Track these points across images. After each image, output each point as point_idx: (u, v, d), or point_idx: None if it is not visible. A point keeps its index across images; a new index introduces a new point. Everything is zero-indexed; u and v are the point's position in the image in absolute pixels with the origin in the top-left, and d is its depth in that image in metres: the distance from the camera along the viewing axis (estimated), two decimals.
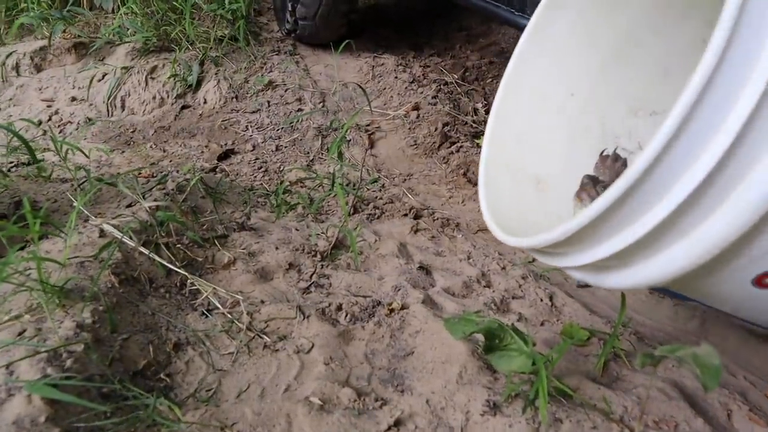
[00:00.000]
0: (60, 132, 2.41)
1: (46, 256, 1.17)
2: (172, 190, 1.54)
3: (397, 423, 0.98)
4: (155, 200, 1.44)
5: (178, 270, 1.27)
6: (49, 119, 2.48)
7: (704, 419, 1.00)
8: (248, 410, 1.00)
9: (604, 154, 1.37)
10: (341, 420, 0.97)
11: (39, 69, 2.71)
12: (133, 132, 2.43)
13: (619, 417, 0.97)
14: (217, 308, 1.23)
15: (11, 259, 1.02)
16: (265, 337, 1.17)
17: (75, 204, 1.29)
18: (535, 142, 1.35)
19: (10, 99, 2.60)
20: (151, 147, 2.31)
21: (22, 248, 1.28)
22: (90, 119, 2.45)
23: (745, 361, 1.31)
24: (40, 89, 2.62)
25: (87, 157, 1.80)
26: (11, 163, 1.90)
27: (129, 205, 1.45)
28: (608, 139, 1.42)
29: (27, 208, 1.06)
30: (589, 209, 0.79)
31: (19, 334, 1.03)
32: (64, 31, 2.65)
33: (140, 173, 1.84)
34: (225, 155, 2.22)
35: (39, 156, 1.89)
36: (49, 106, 2.54)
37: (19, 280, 1.08)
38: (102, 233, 1.29)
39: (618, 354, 1.15)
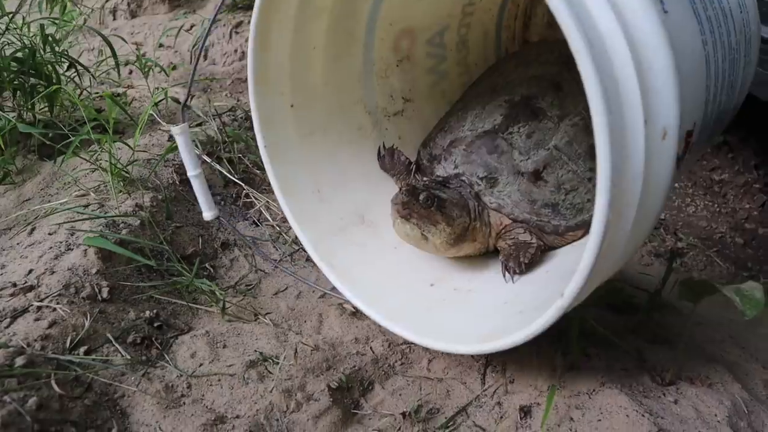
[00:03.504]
0: (144, 73, 2.53)
1: (118, 148, 1.24)
2: (241, 117, 1.60)
3: None
4: (223, 122, 1.50)
5: (236, 180, 1.32)
6: (137, 60, 2.61)
7: (742, 386, 0.96)
8: (283, 305, 1.03)
9: (382, 154, 1.17)
10: (371, 326, 0.99)
11: (134, 15, 2.85)
12: (211, 81, 2.52)
13: (651, 365, 0.95)
14: (267, 220, 1.27)
15: (84, 132, 1.09)
16: None
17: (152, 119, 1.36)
18: (331, 180, 1.13)
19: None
20: (226, 95, 2.40)
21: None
22: (173, 64, 2.57)
23: None
24: (131, 33, 2.77)
25: (167, 75, 1.90)
26: (96, 93, 2.02)
27: (199, 124, 1.52)
28: (381, 124, 1.21)
29: (107, 93, 1.13)
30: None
31: (84, 207, 1.10)
32: None
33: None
34: None
35: (121, 90, 2.00)
36: (137, 49, 2.67)
37: (91, 158, 1.15)
38: (171, 138, 1.35)
39: (661, 313, 1.13)
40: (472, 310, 0.94)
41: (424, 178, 1.09)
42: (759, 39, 1.06)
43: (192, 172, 1.08)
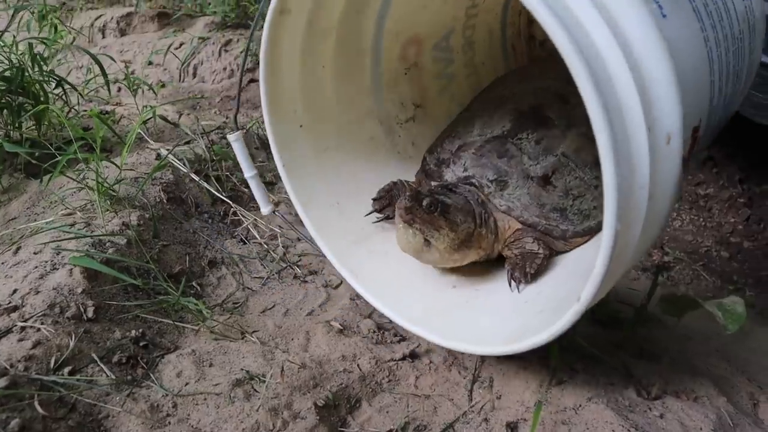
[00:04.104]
0: (133, 91, 2.54)
1: (105, 167, 1.24)
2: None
3: (413, 355, 0.98)
4: (211, 140, 1.50)
5: (224, 198, 1.32)
6: (125, 78, 2.61)
7: (727, 399, 0.97)
8: (270, 323, 1.03)
9: (378, 207, 1.15)
10: (358, 344, 0.99)
11: (123, 33, 2.87)
12: (200, 98, 2.53)
13: (637, 380, 0.95)
14: (255, 238, 1.27)
15: (71, 152, 1.09)
16: (296, 268, 1.20)
17: (140, 137, 1.36)
18: (348, 192, 1.16)
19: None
20: (215, 113, 2.41)
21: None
22: (162, 82, 2.58)
23: None
24: (121, 52, 2.78)
25: (155, 93, 1.90)
26: (84, 111, 2.02)
27: (187, 142, 1.52)
28: (394, 132, 1.24)
29: (94, 111, 1.14)
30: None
31: (70, 226, 1.10)
32: (150, 0, 2.80)
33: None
34: None
35: (110, 107, 2.01)
36: (126, 67, 2.68)
37: (78, 177, 1.14)
38: (158, 157, 1.35)
39: (647, 328, 1.13)
40: (494, 310, 0.96)
41: (432, 182, 1.10)
42: (764, 24, 1.07)
43: (248, 173, 1.18)
